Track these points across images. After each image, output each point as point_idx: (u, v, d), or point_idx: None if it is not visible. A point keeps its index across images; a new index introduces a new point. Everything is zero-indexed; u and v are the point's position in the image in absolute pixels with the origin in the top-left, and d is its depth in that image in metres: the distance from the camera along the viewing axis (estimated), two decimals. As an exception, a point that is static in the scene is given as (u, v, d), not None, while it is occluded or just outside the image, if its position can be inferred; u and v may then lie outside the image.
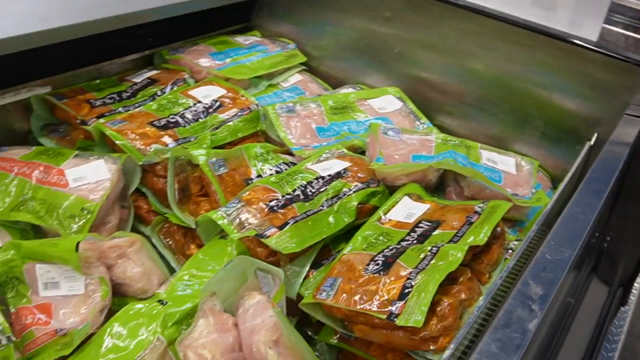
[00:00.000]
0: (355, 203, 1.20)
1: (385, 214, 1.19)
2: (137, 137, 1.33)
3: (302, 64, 1.82)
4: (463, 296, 0.98)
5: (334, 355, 1.14)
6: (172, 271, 1.24)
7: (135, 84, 1.56)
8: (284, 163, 1.36)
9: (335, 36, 1.80)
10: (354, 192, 1.22)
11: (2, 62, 1.29)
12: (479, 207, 1.15)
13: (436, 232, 1.10)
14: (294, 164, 1.37)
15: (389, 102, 1.60)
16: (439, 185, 1.34)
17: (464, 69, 1.56)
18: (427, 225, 1.13)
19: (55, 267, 1.07)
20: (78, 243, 1.03)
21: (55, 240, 1.08)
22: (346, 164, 1.29)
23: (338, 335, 1.09)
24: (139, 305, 1.05)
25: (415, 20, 1.60)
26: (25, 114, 1.47)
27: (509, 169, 1.36)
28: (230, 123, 1.44)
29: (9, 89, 1.38)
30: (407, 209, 1.19)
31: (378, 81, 1.72)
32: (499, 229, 1.14)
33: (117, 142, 1.31)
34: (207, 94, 1.51)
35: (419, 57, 1.63)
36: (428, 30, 1.58)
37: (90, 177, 1.25)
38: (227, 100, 1.51)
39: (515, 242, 1.22)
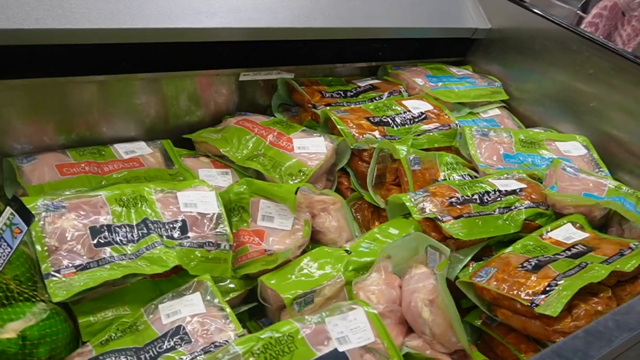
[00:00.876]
0: (523, 217, 1.37)
1: (547, 232, 1.35)
2: (354, 126, 1.61)
3: (502, 101, 2.01)
4: (599, 308, 1.12)
5: (475, 337, 1.31)
6: (356, 238, 1.49)
7: (359, 87, 1.86)
8: (468, 175, 1.56)
9: (539, 83, 1.97)
10: (524, 208, 1.40)
11: (262, 46, 1.63)
12: (634, 244, 1.28)
13: (588, 254, 1.25)
14: (477, 177, 1.57)
15: (574, 147, 1.75)
16: (603, 225, 1.47)
17: (656, 134, 1.67)
18: (582, 248, 1.28)
19: (273, 205, 1.36)
20: (298, 188, 1.31)
21: (279, 184, 1.38)
22: (523, 185, 1.47)
23: (482, 320, 1.27)
24: (329, 250, 1.31)
25: (615, 82, 1.73)
26: (269, 92, 1.81)
27: (676, 226, 1.45)
28: (431, 133, 1.67)
29: (263, 68, 1.72)
30: (568, 233, 1.35)
31: (568, 129, 1.87)
32: (648, 268, 1.26)
33: (338, 126, 1.59)
34: (416, 106, 1.76)
35: (612, 115, 1.76)
36: (626, 93, 1.71)
37: (311, 148, 1.54)
38: (432, 115, 1.74)
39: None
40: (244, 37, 1.54)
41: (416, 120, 1.71)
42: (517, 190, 1.45)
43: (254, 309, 1.31)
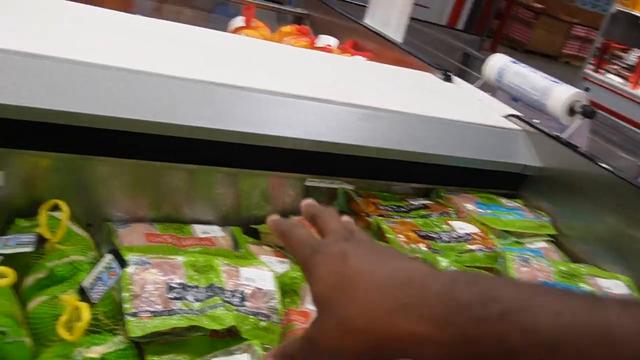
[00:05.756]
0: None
1: None
2: (402, 236, 1.90)
3: (551, 235, 2.26)
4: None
5: None
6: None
7: (412, 204, 2.16)
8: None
9: (589, 225, 2.19)
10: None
11: (327, 157, 1.97)
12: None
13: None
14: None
15: (616, 286, 1.93)
16: None
17: None
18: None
19: (322, 291, 1.64)
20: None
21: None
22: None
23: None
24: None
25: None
26: (331, 198, 2.14)
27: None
28: (474, 252, 1.94)
29: (327, 177, 2.06)
30: None
31: (613, 269, 2.06)
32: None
33: (387, 235, 1.88)
34: (463, 227, 2.04)
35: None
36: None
37: (362, 250, 1.83)
38: (477, 237, 2.01)
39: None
40: (311, 147, 1.89)
41: (461, 239, 1.98)
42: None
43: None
